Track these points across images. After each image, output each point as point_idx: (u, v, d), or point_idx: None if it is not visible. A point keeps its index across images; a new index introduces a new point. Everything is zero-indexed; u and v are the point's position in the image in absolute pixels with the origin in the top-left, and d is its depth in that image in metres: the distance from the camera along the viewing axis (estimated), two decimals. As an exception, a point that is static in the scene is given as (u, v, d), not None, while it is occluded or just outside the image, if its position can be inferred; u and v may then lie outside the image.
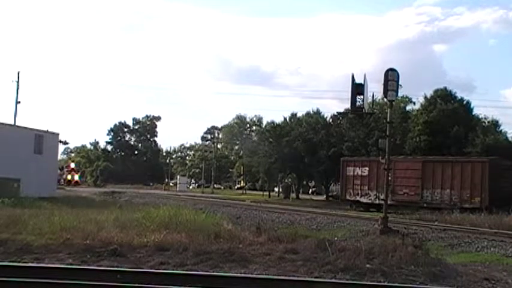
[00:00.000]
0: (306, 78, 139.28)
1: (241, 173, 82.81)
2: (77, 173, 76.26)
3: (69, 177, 71.10)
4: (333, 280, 8.58)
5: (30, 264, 9.01)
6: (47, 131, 34.66)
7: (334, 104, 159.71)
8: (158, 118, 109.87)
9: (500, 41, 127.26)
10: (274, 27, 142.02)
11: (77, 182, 72.24)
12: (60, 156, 72.62)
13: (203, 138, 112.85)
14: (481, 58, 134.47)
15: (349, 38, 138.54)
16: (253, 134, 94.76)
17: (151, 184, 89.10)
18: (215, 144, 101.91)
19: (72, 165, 77.89)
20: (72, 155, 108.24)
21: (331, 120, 54.35)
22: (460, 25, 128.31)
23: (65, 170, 74.58)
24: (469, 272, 10.65)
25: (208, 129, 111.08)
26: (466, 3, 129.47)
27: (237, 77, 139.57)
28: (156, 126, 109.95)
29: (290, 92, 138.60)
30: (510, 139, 42.86)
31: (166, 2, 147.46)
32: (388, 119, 21.20)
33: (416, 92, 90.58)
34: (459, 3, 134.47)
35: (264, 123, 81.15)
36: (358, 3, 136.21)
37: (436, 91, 45.41)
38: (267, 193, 61.20)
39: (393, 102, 22.52)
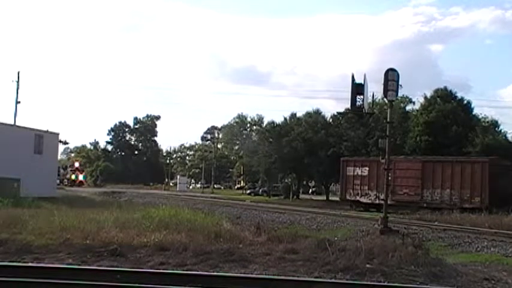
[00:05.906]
0: (302, 78, 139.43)
1: (241, 173, 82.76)
2: (81, 173, 75.51)
3: (73, 176, 70.63)
4: (333, 280, 8.57)
5: (30, 264, 9.01)
6: (47, 131, 34.64)
7: (330, 104, 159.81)
8: (158, 117, 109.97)
9: (497, 41, 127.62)
10: (271, 27, 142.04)
11: (81, 181, 71.51)
12: (60, 156, 72.40)
13: (203, 138, 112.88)
14: (477, 58, 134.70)
15: (345, 38, 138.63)
16: (253, 133, 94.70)
17: (151, 184, 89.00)
18: (215, 144, 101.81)
19: (77, 164, 77.23)
20: (72, 155, 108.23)
21: (331, 120, 54.32)
22: (456, 25, 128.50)
23: (69, 169, 74.19)
24: (469, 272, 10.64)
25: (208, 129, 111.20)
26: (462, 3, 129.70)
27: (235, 77, 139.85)
28: (156, 126, 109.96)
29: (287, 92, 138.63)
30: (510, 139, 42.87)
31: (165, 3, 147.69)
32: (388, 119, 21.21)
33: (412, 92, 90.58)
34: (455, 3, 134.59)
35: (265, 123, 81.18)
36: (355, 3, 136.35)
37: (436, 91, 45.34)
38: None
39: (393, 102, 22.54)
